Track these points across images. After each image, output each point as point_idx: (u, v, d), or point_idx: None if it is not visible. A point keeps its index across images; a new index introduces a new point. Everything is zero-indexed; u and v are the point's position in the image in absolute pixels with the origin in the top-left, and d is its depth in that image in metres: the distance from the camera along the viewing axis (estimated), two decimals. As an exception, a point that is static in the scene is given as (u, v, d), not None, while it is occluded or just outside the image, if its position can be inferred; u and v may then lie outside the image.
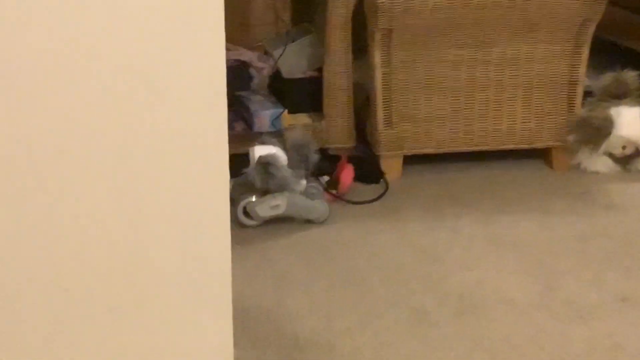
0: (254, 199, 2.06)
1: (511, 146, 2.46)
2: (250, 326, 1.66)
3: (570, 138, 2.44)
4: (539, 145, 2.47)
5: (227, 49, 2.78)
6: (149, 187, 1.04)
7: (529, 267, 1.94)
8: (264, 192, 2.07)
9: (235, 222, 2.07)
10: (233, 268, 1.90)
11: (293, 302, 1.76)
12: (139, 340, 1.12)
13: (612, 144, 2.46)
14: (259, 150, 2.07)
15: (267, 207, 2.06)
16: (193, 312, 1.15)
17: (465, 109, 2.39)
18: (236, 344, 1.58)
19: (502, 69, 2.36)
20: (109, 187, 1.02)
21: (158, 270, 1.10)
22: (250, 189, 2.08)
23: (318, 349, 1.59)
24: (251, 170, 2.04)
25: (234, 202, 2.13)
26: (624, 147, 2.47)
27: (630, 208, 2.26)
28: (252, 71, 2.58)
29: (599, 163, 2.48)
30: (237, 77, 2.50)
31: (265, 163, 2.03)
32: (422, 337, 1.65)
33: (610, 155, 2.49)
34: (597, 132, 2.42)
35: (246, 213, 2.07)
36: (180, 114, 1.02)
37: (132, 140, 1.01)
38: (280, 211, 2.07)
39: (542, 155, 2.53)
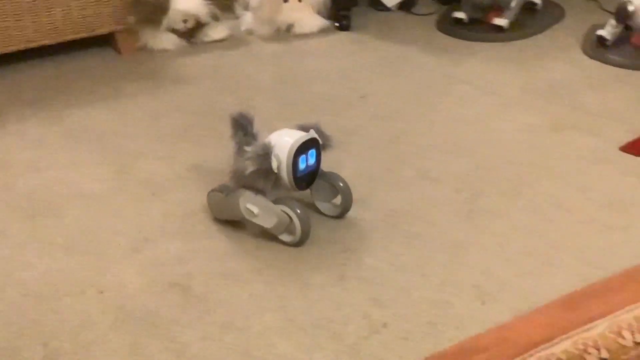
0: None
1: (71, 36, 2.34)
2: None
3: (130, 19, 2.38)
4: (101, 31, 2.38)
5: None
6: None
7: (104, 155, 1.88)
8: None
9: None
10: None
11: None
12: None
13: (173, 19, 2.45)
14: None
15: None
16: None
17: (12, 4, 2.20)
18: None
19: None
20: None
21: None
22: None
23: None
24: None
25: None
26: (185, 21, 2.47)
27: (199, 80, 2.29)
28: None
29: (164, 40, 2.46)
30: None
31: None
32: (-10, 250, 1.53)
33: (174, 31, 2.48)
34: (154, 9, 2.39)
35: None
36: None
37: None
38: None
39: (108, 41, 2.46)
